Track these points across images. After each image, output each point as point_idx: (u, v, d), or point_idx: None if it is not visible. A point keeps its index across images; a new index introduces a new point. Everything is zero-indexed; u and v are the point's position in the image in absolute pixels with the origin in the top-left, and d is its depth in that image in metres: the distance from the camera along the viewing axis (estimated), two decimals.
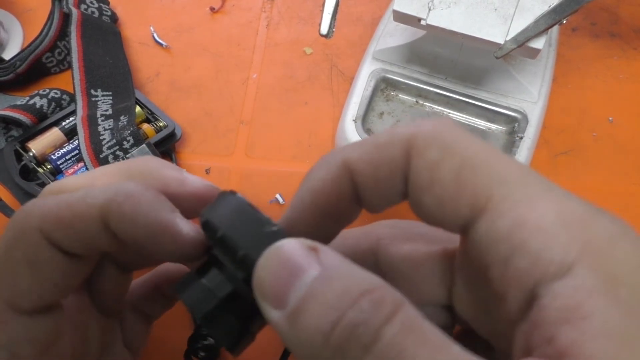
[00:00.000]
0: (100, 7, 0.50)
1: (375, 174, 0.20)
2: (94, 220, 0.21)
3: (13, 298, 0.21)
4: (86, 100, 0.43)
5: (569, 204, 0.17)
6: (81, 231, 0.21)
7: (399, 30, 0.44)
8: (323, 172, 0.20)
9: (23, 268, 0.21)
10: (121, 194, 0.22)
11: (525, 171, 0.18)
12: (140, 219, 0.21)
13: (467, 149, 0.18)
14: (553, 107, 0.45)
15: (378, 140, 0.20)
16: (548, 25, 0.32)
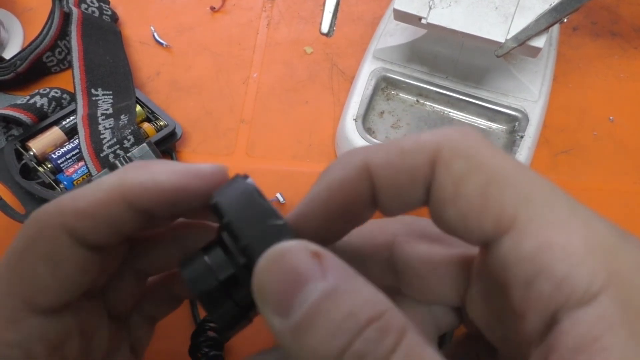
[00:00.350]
0: (100, 7, 0.50)
1: (396, 180, 0.20)
2: (115, 201, 0.22)
3: (31, 296, 0.21)
4: (86, 100, 0.43)
5: (596, 227, 0.17)
6: (105, 217, 0.22)
7: (399, 30, 0.44)
8: (343, 171, 0.20)
9: (43, 266, 0.21)
10: (130, 168, 0.23)
11: (551, 190, 0.18)
12: (159, 177, 0.22)
13: (494, 163, 0.18)
14: (553, 106, 0.45)
15: (402, 146, 0.19)
16: (549, 24, 0.32)
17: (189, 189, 0.22)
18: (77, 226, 0.21)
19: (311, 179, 0.43)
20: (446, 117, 0.43)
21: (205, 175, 0.23)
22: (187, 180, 0.22)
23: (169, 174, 0.23)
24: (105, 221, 0.22)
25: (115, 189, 0.22)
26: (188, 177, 0.23)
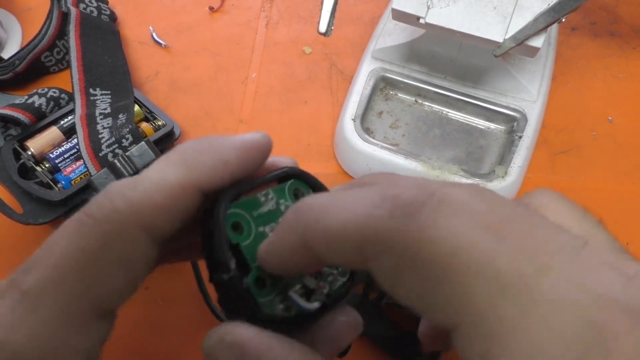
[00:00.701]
0: (99, 6, 0.50)
1: (335, 261, 0.19)
2: (189, 192, 0.21)
3: (102, 300, 0.20)
4: (85, 99, 0.43)
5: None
6: (182, 211, 0.21)
7: (398, 30, 0.44)
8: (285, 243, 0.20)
9: (118, 269, 0.20)
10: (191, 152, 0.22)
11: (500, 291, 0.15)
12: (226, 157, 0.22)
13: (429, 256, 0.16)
14: (552, 106, 0.45)
15: (331, 232, 0.18)
16: (547, 24, 0.32)
17: (250, 162, 0.23)
18: (155, 224, 0.21)
19: None
20: (444, 117, 0.43)
21: (261, 146, 0.23)
22: (250, 154, 0.23)
23: (234, 151, 0.22)
24: (181, 215, 0.21)
25: (184, 178, 0.21)
26: (250, 151, 0.23)
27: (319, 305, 0.21)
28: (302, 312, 0.21)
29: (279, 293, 0.22)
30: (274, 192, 0.23)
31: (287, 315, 0.21)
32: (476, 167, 0.41)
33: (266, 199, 0.23)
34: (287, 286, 0.22)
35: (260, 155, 0.23)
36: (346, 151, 0.42)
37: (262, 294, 0.21)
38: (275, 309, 0.21)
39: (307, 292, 0.22)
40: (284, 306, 0.21)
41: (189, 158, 0.22)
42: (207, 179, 0.22)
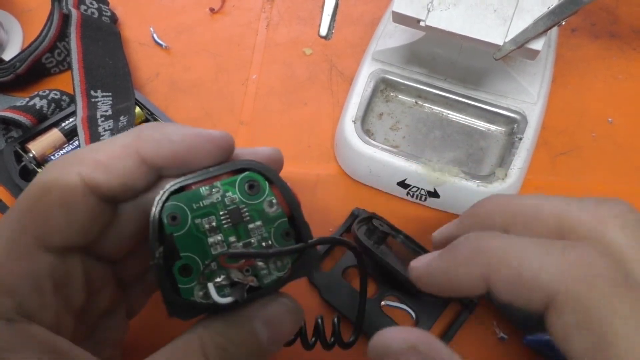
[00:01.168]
0: (99, 8, 0.50)
1: (513, 300, 0.22)
2: (131, 158, 0.24)
3: (44, 235, 0.23)
4: (86, 101, 0.43)
5: None
6: (121, 171, 0.24)
7: (398, 31, 0.44)
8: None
9: (58, 208, 0.23)
10: (145, 127, 0.25)
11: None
12: (173, 137, 0.24)
13: (607, 321, 0.19)
14: (552, 108, 0.45)
15: (522, 274, 0.21)
16: (547, 27, 0.32)
17: (199, 151, 0.25)
18: (92, 175, 0.23)
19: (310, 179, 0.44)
20: (445, 118, 0.43)
21: (214, 139, 0.25)
22: (198, 143, 0.25)
23: (182, 135, 0.25)
24: (119, 173, 0.24)
25: (131, 143, 0.24)
26: (199, 138, 0.25)
27: (231, 301, 0.23)
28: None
29: (202, 281, 0.23)
30: (222, 185, 0.24)
31: (206, 302, 0.23)
32: (476, 168, 0.41)
33: (210, 192, 0.24)
34: (211, 276, 0.24)
35: (211, 147, 0.25)
36: (346, 153, 0.42)
37: (185, 281, 0.23)
38: (195, 296, 0.23)
39: (232, 283, 0.24)
40: (203, 294, 0.23)
41: (142, 129, 0.25)
42: (151, 150, 0.24)
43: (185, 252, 0.23)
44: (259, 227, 0.24)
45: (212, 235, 0.24)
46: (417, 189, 0.40)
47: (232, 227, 0.24)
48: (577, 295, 0.20)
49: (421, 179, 0.39)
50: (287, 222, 0.24)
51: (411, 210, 0.41)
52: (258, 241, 0.24)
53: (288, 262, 0.24)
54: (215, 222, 0.24)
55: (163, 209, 0.23)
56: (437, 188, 0.39)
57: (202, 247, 0.24)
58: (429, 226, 0.41)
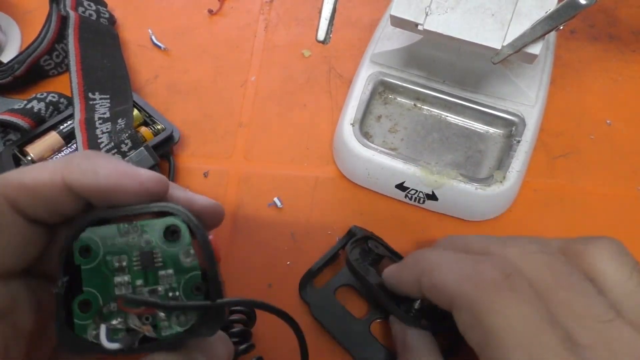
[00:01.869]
0: (98, 10, 0.50)
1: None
2: (56, 184, 0.23)
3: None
4: (84, 104, 0.43)
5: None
6: (45, 196, 0.23)
7: (396, 34, 0.44)
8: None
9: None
10: (77, 155, 0.24)
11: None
12: (100, 170, 0.24)
13: (491, 321, 0.24)
14: (551, 110, 0.45)
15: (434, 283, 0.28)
16: (545, 31, 0.32)
17: (124, 189, 0.24)
18: (17, 199, 0.23)
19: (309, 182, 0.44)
20: (443, 121, 0.43)
21: (143, 181, 0.24)
22: (124, 181, 0.24)
23: (110, 171, 0.24)
24: (44, 199, 0.23)
25: (57, 171, 0.24)
26: (126, 178, 0.24)
27: (117, 348, 0.22)
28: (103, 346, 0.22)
29: (97, 321, 0.23)
30: (142, 226, 0.23)
31: (96, 343, 0.22)
32: (475, 171, 0.41)
33: (128, 230, 0.23)
34: (109, 317, 0.23)
35: (138, 188, 0.24)
36: (345, 155, 0.42)
37: (82, 317, 0.23)
38: (87, 334, 0.23)
39: (128, 329, 0.23)
40: (95, 334, 0.23)
41: (73, 157, 0.25)
42: (75, 179, 0.24)
43: (88, 286, 0.23)
44: (170, 275, 0.23)
45: (120, 275, 0.23)
46: (415, 191, 0.40)
47: (142, 270, 0.23)
48: (469, 298, 0.24)
49: (419, 181, 0.39)
50: (200, 276, 0.23)
51: (409, 213, 0.41)
52: (165, 290, 0.23)
53: (192, 318, 0.23)
54: (126, 261, 0.23)
55: (77, 239, 0.23)
56: (435, 191, 0.39)
57: (106, 286, 0.23)
58: (427, 229, 0.41)
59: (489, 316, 0.23)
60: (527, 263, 0.26)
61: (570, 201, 0.42)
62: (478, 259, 0.27)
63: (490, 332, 0.23)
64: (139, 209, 0.24)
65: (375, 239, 0.38)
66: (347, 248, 0.36)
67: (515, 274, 0.25)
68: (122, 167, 0.24)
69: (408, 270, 0.30)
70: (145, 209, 0.24)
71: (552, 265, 0.26)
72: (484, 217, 0.41)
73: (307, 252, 0.40)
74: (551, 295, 0.24)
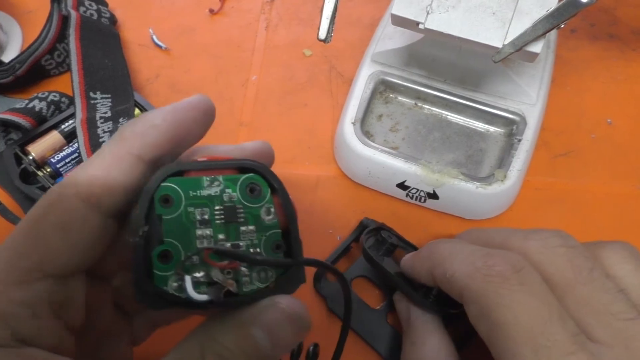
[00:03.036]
0: (99, 9, 0.50)
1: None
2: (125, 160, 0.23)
3: (42, 261, 0.22)
4: (85, 103, 0.43)
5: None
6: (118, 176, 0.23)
7: (397, 33, 0.44)
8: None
9: (56, 233, 0.23)
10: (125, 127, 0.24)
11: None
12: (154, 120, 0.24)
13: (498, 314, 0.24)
14: (552, 109, 0.45)
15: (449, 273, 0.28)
16: (546, 30, 0.32)
17: (184, 121, 0.24)
18: (91, 192, 0.23)
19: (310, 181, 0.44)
20: (444, 120, 0.43)
21: (194, 106, 0.24)
22: (180, 115, 0.24)
23: (162, 115, 0.24)
24: (118, 180, 0.23)
25: (118, 148, 0.23)
26: (179, 111, 0.24)
27: (206, 299, 0.22)
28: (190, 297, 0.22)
29: (180, 272, 0.22)
30: (224, 180, 0.23)
31: (177, 295, 0.22)
32: (476, 170, 0.41)
33: (211, 183, 0.23)
34: (190, 269, 0.22)
35: (195, 114, 0.24)
36: (346, 154, 0.42)
37: (162, 268, 0.22)
38: (168, 286, 0.22)
39: (210, 283, 0.22)
40: (177, 285, 0.22)
41: (124, 130, 0.24)
42: (140, 144, 0.23)
43: (169, 237, 0.22)
44: (251, 231, 0.23)
45: (202, 227, 0.22)
46: (416, 190, 0.40)
47: (224, 224, 0.23)
48: (478, 291, 0.25)
49: (420, 180, 0.39)
50: (280, 234, 0.23)
51: (410, 212, 0.41)
52: (247, 246, 0.23)
53: (273, 275, 0.23)
54: (207, 215, 0.22)
55: (158, 188, 0.22)
56: (436, 190, 0.39)
57: (188, 237, 0.22)
58: (429, 228, 0.41)
59: (497, 310, 0.24)
60: (547, 257, 0.26)
61: (571, 200, 0.42)
62: (490, 252, 0.27)
63: (497, 325, 0.24)
64: (217, 164, 0.23)
65: (388, 229, 0.38)
66: (362, 238, 0.37)
67: (527, 268, 0.25)
68: (169, 107, 0.24)
69: (422, 261, 0.31)
70: (227, 164, 0.23)
71: (574, 259, 0.25)
72: (485, 216, 0.41)
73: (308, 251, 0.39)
74: (570, 290, 0.24)
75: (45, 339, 0.22)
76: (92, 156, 0.24)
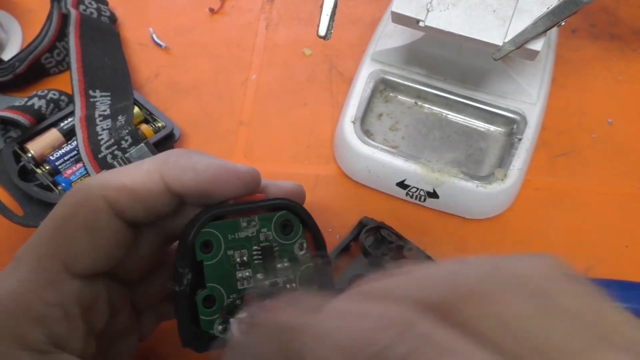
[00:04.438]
0: (99, 8, 0.50)
1: None
2: (155, 182, 0.24)
3: (71, 261, 0.23)
4: (84, 101, 0.43)
5: None
6: (144, 196, 0.24)
7: (398, 32, 0.44)
8: None
9: (83, 233, 0.23)
10: (173, 153, 0.25)
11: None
12: (198, 166, 0.24)
13: None
14: (552, 108, 0.45)
15: None
16: (546, 27, 0.32)
17: (222, 182, 0.24)
18: (117, 199, 0.23)
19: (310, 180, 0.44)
20: (444, 119, 0.43)
21: (240, 174, 0.25)
22: (223, 176, 0.24)
23: (207, 166, 0.24)
24: (143, 198, 0.24)
25: (155, 170, 0.24)
26: (224, 171, 0.25)
27: None
28: None
29: (224, 315, 0.23)
30: (259, 220, 0.24)
31: (222, 336, 0.23)
32: (476, 169, 0.41)
33: (248, 224, 0.24)
34: (233, 310, 0.23)
35: (235, 181, 0.25)
36: (346, 153, 0.42)
37: (207, 313, 0.23)
38: (214, 329, 0.23)
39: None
40: (222, 328, 0.23)
41: (169, 155, 0.25)
42: (174, 177, 0.24)
43: (211, 282, 0.23)
44: (287, 267, 0.24)
45: (242, 269, 0.23)
46: (416, 189, 0.40)
47: (262, 264, 0.23)
48: None
49: (420, 179, 0.39)
50: (313, 267, 0.24)
51: (410, 211, 0.41)
52: (283, 282, 0.23)
53: None
54: (246, 256, 0.23)
55: (198, 234, 0.23)
56: (436, 189, 0.39)
57: (229, 280, 0.23)
58: (429, 227, 0.41)
59: None
60: None
61: (571, 200, 0.42)
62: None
63: None
64: (250, 205, 0.24)
65: (387, 228, 0.38)
66: (362, 236, 0.37)
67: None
68: (218, 162, 0.25)
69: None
70: (260, 204, 0.24)
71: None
72: (485, 215, 0.41)
73: None
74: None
75: (74, 342, 0.22)
76: (130, 165, 0.25)
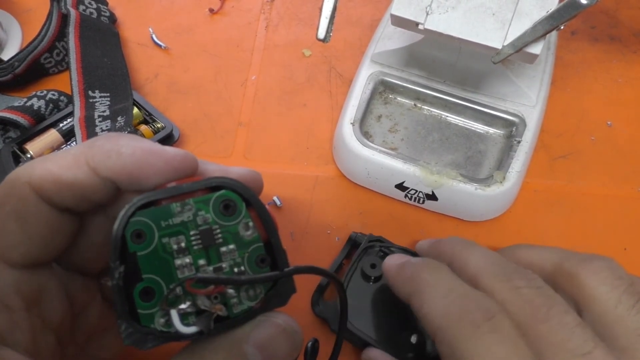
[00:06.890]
0: (98, 8, 0.50)
1: None
2: (80, 166, 0.23)
3: (2, 251, 0.22)
4: (84, 102, 0.43)
5: None
6: (71, 181, 0.23)
7: (397, 33, 0.44)
8: None
9: (12, 222, 0.22)
10: (99, 138, 0.24)
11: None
12: (124, 149, 0.23)
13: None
14: (552, 111, 0.45)
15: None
16: (546, 31, 0.32)
17: (150, 167, 0.23)
18: (43, 186, 0.23)
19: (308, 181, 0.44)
20: (444, 121, 0.43)
21: (168, 158, 0.24)
22: (150, 159, 0.23)
23: (133, 149, 0.23)
24: (70, 185, 0.23)
25: (80, 155, 0.23)
26: (151, 156, 0.23)
27: (195, 331, 0.21)
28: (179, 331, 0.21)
29: (164, 307, 0.21)
30: (195, 202, 0.22)
31: (167, 331, 0.21)
32: (475, 171, 0.41)
33: (182, 209, 0.22)
34: (175, 302, 0.21)
35: (163, 165, 0.23)
36: (345, 155, 0.42)
37: (145, 306, 0.21)
38: (155, 323, 0.21)
39: (199, 311, 0.22)
40: (164, 321, 0.21)
41: (95, 140, 0.24)
42: (99, 161, 0.23)
43: (148, 273, 0.21)
44: (232, 251, 0.22)
45: (180, 257, 0.22)
46: (415, 191, 0.40)
47: (203, 249, 0.22)
48: (450, 335, 0.25)
49: (419, 181, 0.39)
50: (262, 247, 0.23)
51: (409, 213, 0.41)
52: (230, 266, 0.22)
53: (261, 291, 0.22)
54: (184, 242, 0.22)
55: (127, 224, 0.21)
56: (435, 191, 0.39)
57: (167, 270, 0.21)
58: (427, 229, 0.41)
59: (467, 357, 0.24)
60: (512, 299, 0.26)
61: (570, 202, 0.42)
62: (467, 294, 0.26)
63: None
64: (186, 188, 0.22)
65: (377, 238, 0.38)
66: (361, 263, 0.36)
67: (499, 316, 0.25)
68: (146, 145, 0.24)
69: (403, 282, 0.30)
70: (194, 186, 0.22)
71: (535, 300, 0.25)
72: (484, 218, 0.41)
73: (306, 252, 0.40)
74: (531, 331, 0.24)
75: (19, 337, 0.22)
76: (58, 152, 0.24)
